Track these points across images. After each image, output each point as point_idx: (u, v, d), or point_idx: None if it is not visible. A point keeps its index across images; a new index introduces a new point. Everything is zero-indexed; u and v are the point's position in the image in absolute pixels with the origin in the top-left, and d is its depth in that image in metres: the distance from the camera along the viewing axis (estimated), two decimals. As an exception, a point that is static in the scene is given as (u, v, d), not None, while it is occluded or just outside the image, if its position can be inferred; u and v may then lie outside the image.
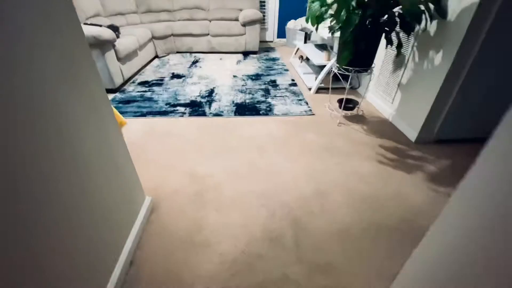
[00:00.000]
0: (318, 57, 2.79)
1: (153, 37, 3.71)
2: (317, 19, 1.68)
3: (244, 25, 3.88)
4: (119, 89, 2.76)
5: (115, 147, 1.01)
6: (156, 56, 3.92)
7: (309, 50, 3.07)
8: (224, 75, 3.23)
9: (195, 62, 3.70)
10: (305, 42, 3.44)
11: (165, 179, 1.54)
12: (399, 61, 2.04)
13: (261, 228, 1.25)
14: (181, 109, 2.36)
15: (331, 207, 1.37)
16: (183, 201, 1.39)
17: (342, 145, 1.86)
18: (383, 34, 1.63)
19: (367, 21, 1.59)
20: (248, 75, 3.22)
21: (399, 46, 1.66)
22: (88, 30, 2.29)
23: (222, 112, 2.31)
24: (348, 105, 2.24)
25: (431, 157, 1.75)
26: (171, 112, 2.30)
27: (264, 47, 4.57)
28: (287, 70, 3.42)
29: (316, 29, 1.76)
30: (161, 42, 3.83)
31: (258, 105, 2.44)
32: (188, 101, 2.51)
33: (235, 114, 2.28)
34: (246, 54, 4.15)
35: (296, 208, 1.36)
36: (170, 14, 4.16)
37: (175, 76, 3.17)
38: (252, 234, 1.22)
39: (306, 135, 1.98)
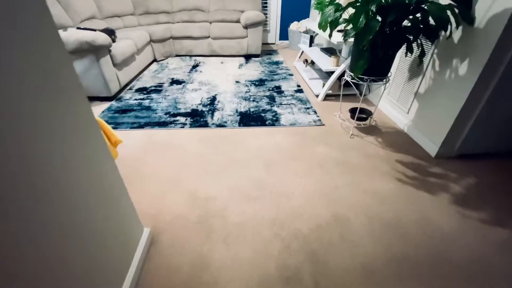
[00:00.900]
0: (326, 62, 2.65)
1: (151, 40, 3.56)
2: (332, 25, 1.54)
3: (246, 27, 3.74)
4: (115, 96, 2.61)
5: (108, 181, 0.86)
6: (155, 60, 3.77)
7: (315, 55, 2.92)
8: (226, 80, 3.08)
9: (195, 66, 3.55)
10: (310, 45, 3.30)
11: (164, 203, 1.39)
12: (416, 69, 1.90)
13: (275, 264, 1.10)
14: (182, 119, 2.21)
15: (351, 236, 1.23)
16: (185, 230, 1.25)
17: (356, 160, 1.73)
18: (404, 42, 1.49)
19: (386, 28, 1.45)
20: (251, 81, 3.07)
21: (422, 55, 1.52)
22: (81, 35, 2.14)
23: (226, 122, 2.17)
24: (360, 115, 2.10)
25: (454, 175, 1.61)
26: (171, 123, 2.15)
27: (266, 50, 4.43)
28: (291, 74, 3.27)
29: (330, 35, 1.61)
30: (160, 45, 3.68)
31: (263, 114, 2.30)
32: (189, 110, 2.36)
33: (239, 125, 2.13)
34: (248, 57, 4.00)
35: (313, 238, 1.21)
36: (169, 15, 4.01)
37: (174, 81, 3.02)
38: (265, 271, 1.08)
39: (317, 148, 1.84)
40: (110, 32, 2.61)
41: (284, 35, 4.79)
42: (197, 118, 2.23)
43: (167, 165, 1.67)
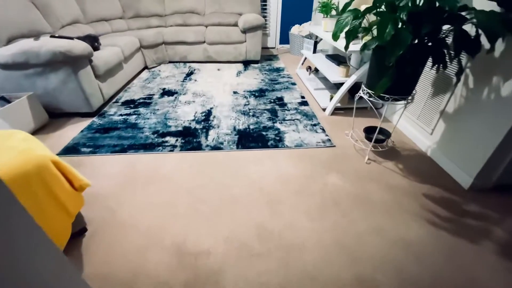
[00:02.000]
0: (334, 72, 2.38)
1: (142, 46, 3.27)
2: (349, 36, 1.27)
3: (244, 31, 3.46)
4: (98, 112, 2.32)
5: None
6: (146, 67, 3.49)
7: (321, 62, 2.65)
8: (222, 91, 2.80)
9: (189, 74, 3.26)
10: (314, 51, 3.03)
11: (143, 263, 1.11)
12: (442, 84, 1.63)
13: None
14: (172, 140, 1.93)
15: (381, 310, 0.95)
16: (169, 302, 0.97)
17: (378, 195, 1.45)
18: (440, 57, 1.22)
19: (418, 39, 1.18)
20: (250, 91, 2.80)
21: (460, 72, 1.25)
22: (54, 45, 1.85)
23: (222, 144, 1.89)
24: (377, 135, 1.83)
25: (495, 215, 1.34)
26: (159, 145, 1.87)
27: (266, 55, 4.16)
28: (294, 84, 3.00)
29: (346, 47, 1.34)
30: (151, 52, 3.40)
31: (265, 133, 2.02)
32: (180, 128, 2.08)
33: (237, 147, 1.86)
34: (246, 63, 3.73)
35: (333, 315, 0.94)
36: (161, 19, 3.73)
37: (166, 92, 2.74)
38: None
39: (328, 178, 1.57)
40: (92, 40, 2.33)
41: (284, 39, 4.52)
42: (189, 138, 1.95)
43: (150, 205, 1.39)
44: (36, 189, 0.93)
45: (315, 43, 2.99)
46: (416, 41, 1.25)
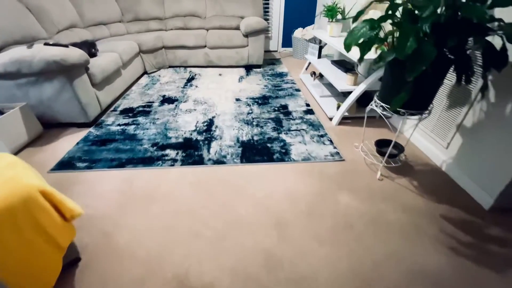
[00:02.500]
0: (341, 80, 2.29)
1: (141, 51, 3.18)
2: (364, 47, 1.17)
3: (246, 35, 3.36)
4: (95, 121, 2.22)
5: None
6: (145, 72, 3.39)
7: (326, 69, 2.56)
8: (224, 98, 2.71)
9: (190, 80, 3.17)
10: (319, 56, 2.94)
11: (143, 295, 1.02)
12: (459, 96, 1.54)
13: None
14: (172, 153, 1.83)
15: None
16: None
17: (393, 216, 1.36)
18: (465, 71, 1.12)
19: (440, 52, 1.09)
20: (253, 98, 2.70)
21: (484, 87, 1.16)
22: (48, 54, 1.76)
23: (225, 157, 1.79)
24: (387, 149, 1.73)
25: (521, 239, 1.25)
26: (159, 158, 1.77)
27: (268, 59, 4.06)
28: (298, 90, 2.90)
29: (361, 59, 1.24)
30: (151, 56, 3.30)
31: (270, 145, 1.93)
32: (181, 140, 1.98)
33: (241, 161, 1.76)
34: (249, 68, 3.63)
35: None
36: (161, 22, 3.63)
37: (166, 100, 2.65)
38: None
39: (339, 196, 1.47)
40: (90, 46, 2.23)
41: (287, 42, 4.43)
42: (191, 151, 1.85)
43: (149, 229, 1.29)
44: (22, 224, 0.83)
45: (320, 48, 2.90)
46: (442, 56, 1.15)
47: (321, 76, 3.15)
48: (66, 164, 1.72)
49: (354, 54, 1.94)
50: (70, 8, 2.82)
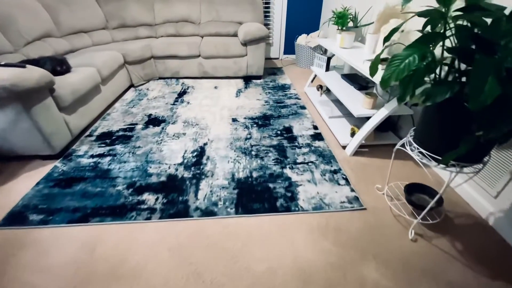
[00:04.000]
0: (355, 101, 1.93)
1: (126, 62, 2.82)
2: (408, 84, 0.81)
3: (245, 44, 3.01)
4: (64, 151, 1.87)
5: None
6: (132, 85, 3.04)
7: (336, 85, 2.20)
8: (219, 117, 2.35)
9: (181, 94, 2.82)
10: (326, 69, 2.58)
11: None
12: (521, 136, 1.18)
13: None
14: (151, 198, 1.48)
15: None
16: None
17: (438, 305, 1.00)
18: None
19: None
20: (252, 118, 2.35)
21: None
22: (-7, 77, 1.40)
23: (216, 205, 1.44)
24: (420, 195, 1.38)
25: None
26: (133, 208, 1.42)
27: (269, 67, 3.70)
28: (303, 107, 2.55)
29: (402, 99, 0.88)
30: (138, 67, 2.95)
31: (272, 185, 1.57)
32: (163, 178, 1.63)
33: (237, 210, 1.41)
34: (248, 79, 3.28)
35: None
36: (151, 29, 3.28)
37: (151, 120, 2.29)
38: None
39: (364, 270, 1.12)
40: (56, 63, 1.88)
41: (289, 48, 4.07)
42: (174, 195, 1.50)
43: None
44: None
45: (328, 60, 2.54)
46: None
47: (328, 90, 2.80)
48: (16, 217, 1.37)
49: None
50: (43, 15, 2.47)
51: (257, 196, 1.50)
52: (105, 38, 3.05)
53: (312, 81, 2.91)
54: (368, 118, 1.88)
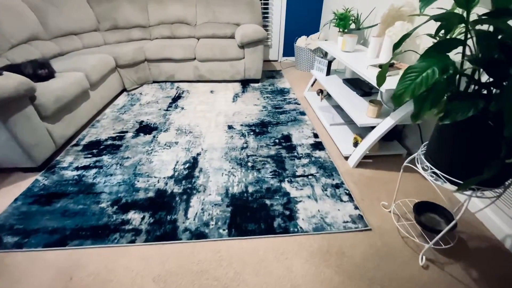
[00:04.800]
0: (358, 108, 1.81)
1: (118, 66, 2.70)
2: (425, 101, 0.70)
3: (242, 46, 2.89)
4: (48, 163, 1.75)
5: None
6: (124, 90, 2.92)
7: (338, 90, 2.09)
8: (214, 124, 2.23)
9: (176, 99, 2.70)
10: (327, 73, 2.46)
11: None
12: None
13: None
14: (136, 218, 1.36)
15: None
16: None
17: None
18: None
19: None
20: (249, 125, 2.23)
21: None
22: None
23: (208, 226, 1.32)
24: (430, 215, 1.26)
25: None
26: (116, 229, 1.30)
27: (268, 70, 3.59)
28: (303, 113, 2.43)
29: (417, 118, 0.76)
30: (131, 71, 2.83)
31: (269, 202, 1.45)
32: (151, 194, 1.51)
33: (230, 231, 1.29)
34: (245, 83, 3.16)
35: None
36: (145, 30, 3.16)
37: (143, 128, 2.17)
38: None
39: (369, 303, 1.00)
40: (39, 66, 1.76)
41: (289, 50, 3.95)
42: (161, 214, 1.38)
43: None
44: None
45: (329, 64, 2.42)
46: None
47: (329, 94, 2.68)
48: (-12, 239, 1.25)
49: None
50: (30, 17, 2.35)
51: (252, 214, 1.38)
52: (96, 41, 2.93)
53: (312, 85, 2.79)
54: (372, 127, 1.76)
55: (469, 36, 0.80)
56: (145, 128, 2.17)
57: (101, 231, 1.28)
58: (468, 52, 0.84)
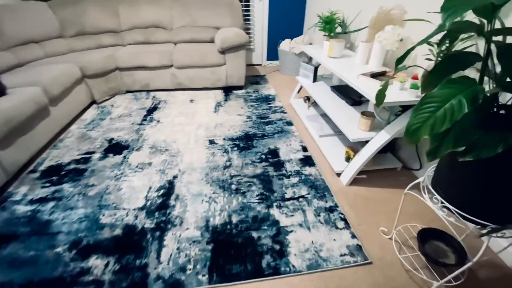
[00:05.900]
0: (349, 120, 1.66)
1: (85, 76, 2.45)
2: (448, 135, 0.54)
3: (223, 51, 2.70)
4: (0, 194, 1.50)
5: None
6: (94, 102, 2.66)
7: (326, 99, 1.94)
8: (194, 139, 2.03)
9: (151, 111, 2.47)
10: (314, 80, 2.32)
11: None
12: None
13: None
14: (99, 264, 1.14)
15: None
16: None
17: None
18: None
19: None
20: (232, 139, 2.04)
21: None
22: None
23: (184, 270, 1.12)
24: (436, 247, 1.12)
25: None
26: (74, 280, 1.08)
27: (252, 75, 3.41)
28: (290, 124, 2.27)
29: (434, 156, 0.61)
30: (101, 81, 2.57)
31: (256, 234, 1.27)
32: (118, 230, 1.29)
33: (210, 278, 1.10)
34: (228, 90, 2.96)
35: None
36: (116, 36, 2.91)
37: (112, 147, 1.94)
38: None
39: None
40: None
41: (273, 54, 3.79)
42: (129, 258, 1.17)
43: None
44: None
45: (315, 69, 2.27)
46: None
47: (316, 103, 2.53)
48: None
49: (372, 92, 1.32)
50: (-23, 24, 2.06)
51: (237, 252, 1.20)
52: (60, 48, 2.65)
53: (298, 91, 2.64)
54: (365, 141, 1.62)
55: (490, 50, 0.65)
56: (114, 147, 1.94)
57: (54, 285, 1.06)
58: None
